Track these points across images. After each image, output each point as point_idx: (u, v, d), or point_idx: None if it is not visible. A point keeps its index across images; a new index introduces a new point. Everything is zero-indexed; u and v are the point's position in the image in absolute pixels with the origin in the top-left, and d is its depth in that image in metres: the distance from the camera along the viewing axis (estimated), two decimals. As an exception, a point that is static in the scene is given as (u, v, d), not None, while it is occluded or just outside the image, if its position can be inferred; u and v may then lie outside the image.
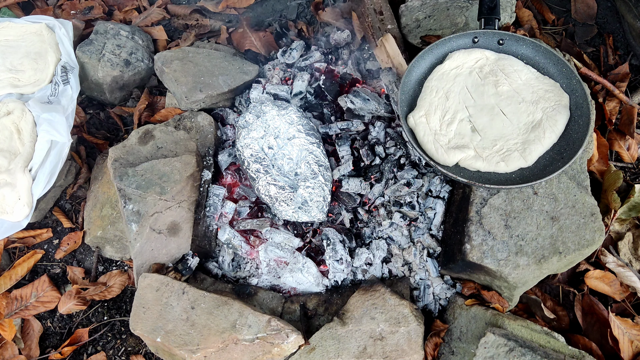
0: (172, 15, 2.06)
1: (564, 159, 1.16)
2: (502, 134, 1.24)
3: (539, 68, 1.35)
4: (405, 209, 1.39)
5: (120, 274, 1.55)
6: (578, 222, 1.22)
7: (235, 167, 1.56)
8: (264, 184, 1.40)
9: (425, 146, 1.25)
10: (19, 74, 1.62)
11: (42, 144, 1.47)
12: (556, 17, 1.82)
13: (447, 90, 1.32)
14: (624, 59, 1.71)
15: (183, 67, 1.63)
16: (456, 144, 1.24)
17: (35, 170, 1.47)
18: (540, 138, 1.22)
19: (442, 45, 1.38)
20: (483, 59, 1.36)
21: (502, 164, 1.20)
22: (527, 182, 1.17)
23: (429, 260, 1.36)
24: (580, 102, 1.25)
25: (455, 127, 1.27)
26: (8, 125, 1.49)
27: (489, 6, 1.35)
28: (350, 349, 1.20)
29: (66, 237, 1.61)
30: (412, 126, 1.28)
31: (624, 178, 1.44)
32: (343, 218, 1.43)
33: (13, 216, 1.44)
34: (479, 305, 1.27)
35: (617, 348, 1.22)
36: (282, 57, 1.74)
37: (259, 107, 1.51)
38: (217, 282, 1.39)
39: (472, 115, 1.28)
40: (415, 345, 1.20)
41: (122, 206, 1.38)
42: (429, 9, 1.63)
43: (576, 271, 1.39)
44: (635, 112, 1.51)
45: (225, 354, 1.19)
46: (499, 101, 1.29)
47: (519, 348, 1.09)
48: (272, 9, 2.03)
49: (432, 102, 1.30)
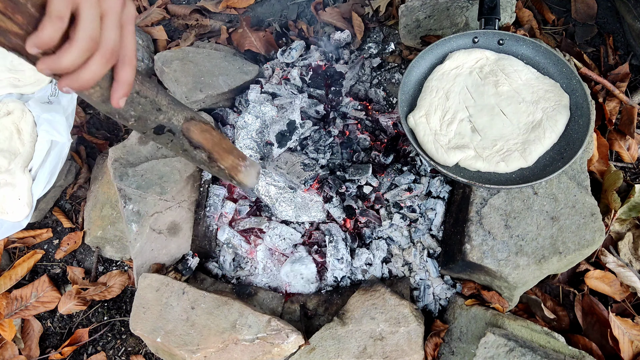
0: (172, 15, 2.06)
1: (564, 159, 1.16)
2: (502, 134, 1.24)
3: (539, 68, 1.35)
4: (406, 211, 1.39)
5: (120, 274, 1.55)
6: (578, 222, 1.22)
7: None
8: (264, 184, 1.40)
9: (425, 146, 1.25)
10: (19, 74, 1.62)
11: (42, 144, 1.47)
12: (556, 17, 1.82)
13: (447, 90, 1.32)
14: (624, 59, 1.71)
15: (183, 67, 1.63)
16: (456, 144, 1.24)
17: (35, 170, 1.47)
18: (540, 138, 1.22)
19: (442, 45, 1.38)
20: (483, 59, 1.36)
21: (502, 164, 1.20)
22: (527, 182, 1.17)
23: (429, 261, 1.36)
24: (580, 102, 1.25)
25: (456, 127, 1.26)
26: (8, 125, 1.49)
27: (489, 6, 1.35)
28: (350, 349, 1.20)
29: (66, 237, 1.61)
30: (412, 126, 1.28)
31: (624, 178, 1.44)
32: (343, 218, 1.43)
33: (13, 216, 1.44)
34: (479, 305, 1.27)
35: (617, 348, 1.22)
36: (282, 56, 1.74)
37: (258, 108, 1.51)
38: (217, 282, 1.39)
39: (472, 115, 1.28)
40: (415, 346, 1.20)
41: (122, 206, 1.38)
42: (429, 9, 1.63)
43: (576, 271, 1.39)
44: (635, 112, 1.51)
45: (225, 354, 1.19)
46: (499, 101, 1.29)
47: (519, 348, 1.09)
48: (272, 9, 2.03)
49: (432, 102, 1.30)
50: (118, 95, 0.64)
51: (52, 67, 0.57)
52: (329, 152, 1.44)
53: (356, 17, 1.83)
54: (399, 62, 1.73)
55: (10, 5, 0.54)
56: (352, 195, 1.42)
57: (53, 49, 0.57)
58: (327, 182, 1.40)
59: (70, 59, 0.57)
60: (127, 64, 0.64)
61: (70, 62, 0.58)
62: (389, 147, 1.46)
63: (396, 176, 1.42)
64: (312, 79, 1.64)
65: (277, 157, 1.42)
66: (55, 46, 0.57)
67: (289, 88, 1.60)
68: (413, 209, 1.39)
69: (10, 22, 0.54)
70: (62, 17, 0.56)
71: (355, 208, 1.40)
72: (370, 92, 1.66)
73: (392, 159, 1.46)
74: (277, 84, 1.66)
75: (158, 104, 0.73)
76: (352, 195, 1.42)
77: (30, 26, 0.56)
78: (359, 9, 1.89)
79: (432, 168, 1.41)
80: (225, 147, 0.84)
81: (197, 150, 0.81)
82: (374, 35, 1.82)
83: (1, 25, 0.54)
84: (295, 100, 1.51)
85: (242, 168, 0.86)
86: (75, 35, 0.57)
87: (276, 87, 1.62)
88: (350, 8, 1.89)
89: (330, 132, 1.48)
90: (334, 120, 1.53)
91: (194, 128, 0.79)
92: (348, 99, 1.60)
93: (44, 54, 0.57)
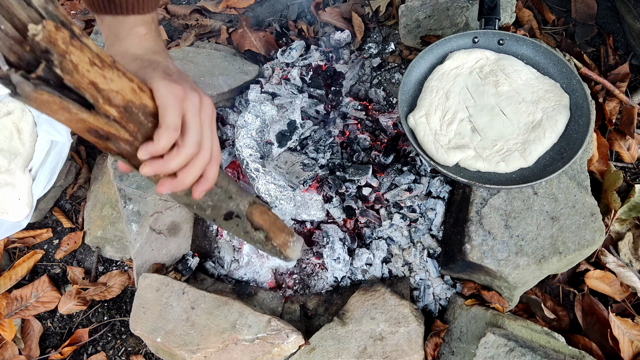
0: (172, 15, 2.06)
1: (564, 159, 1.16)
2: (502, 134, 1.24)
3: (539, 68, 1.35)
4: (406, 211, 1.39)
5: (120, 274, 1.55)
6: (578, 222, 1.22)
7: (236, 165, 1.56)
8: (264, 182, 1.40)
9: (425, 146, 1.25)
10: (19, 74, 1.62)
11: (42, 144, 1.47)
12: (556, 17, 1.82)
13: (447, 90, 1.32)
14: (624, 59, 1.71)
15: (183, 67, 1.63)
16: (456, 144, 1.24)
17: (35, 170, 1.47)
18: (540, 138, 1.22)
19: (442, 45, 1.38)
20: (483, 59, 1.36)
21: (502, 164, 1.20)
22: (527, 182, 1.16)
23: (429, 261, 1.36)
24: (580, 102, 1.25)
25: (456, 127, 1.26)
26: (8, 125, 1.49)
27: (489, 6, 1.35)
28: (351, 349, 1.20)
29: (66, 237, 1.61)
30: (412, 126, 1.28)
31: (624, 178, 1.44)
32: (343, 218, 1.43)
33: (13, 216, 1.44)
34: (479, 305, 1.27)
35: (617, 348, 1.22)
36: (282, 56, 1.74)
37: (258, 107, 1.51)
38: (217, 282, 1.39)
39: (472, 115, 1.28)
40: (415, 346, 1.20)
41: (122, 206, 1.38)
42: (429, 9, 1.63)
43: (576, 271, 1.39)
44: (635, 112, 1.51)
45: (226, 354, 1.19)
46: (499, 101, 1.29)
47: (519, 348, 1.09)
48: (272, 9, 2.03)
49: (432, 102, 1.30)
50: (202, 189, 0.68)
51: (159, 170, 0.61)
52: (329, 152, 1.44)
53: (356, 17, 1.83)
54: (399, 62, 1.73)
55: (126, 115, 0.56)
56: (352, 196, 1.42)
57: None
58: (327, 182, 1.40)
59: (178, 163, 0.61)
60: (214, 162, 0.69)
61: (177, 166, 0.62)
62: (389, 147, 1.46)
63: (396, 176, 1.42)
64: (312, 79, 1.64)
65: (277, 157, 1.42)
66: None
67: (289, 88, 1.60)
68: (413, 209, 1.39)
69: (124, 131, 0.57)
70: (177, 128, 0.61)
71: (355, 208, 1.40)
72: (370, 92, 1.66)
73: (392, 159, 1.46)
74: (277, 84, 1.66)
75: (230, 192, 0.78)
76: (352, 195, 1.42)
77: (139, 134, 0.59)
78: (359, 9, 1.89)
79: (432, 168, 1.41)
80: (279, 225, 0.88)
81: (257, 231, 0.84)
82: (374, 35, 1.82)
83: (115, 134, 0.56)
84: (295, 100, 1.51)
85: (290, 244, 0.90)
86: (183, 142, 0.62)
87: (276, 87, 1.62)
88: (350, 8, 1.89)
89: (331, 132, 1.48)
90: (334, 120, 1.53)
91: (255, 211, 0.83)
92: (348, 99, 1.60)
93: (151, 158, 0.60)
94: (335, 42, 1.78)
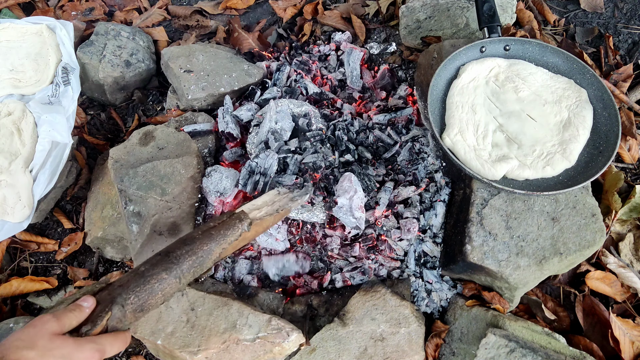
0: (173, 16, 2.06)
1: (603, 152, 1.19)
2: (537, 139, 1.25)
3: (549, 68, 1.36)
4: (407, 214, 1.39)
5: (121, 274, 1.55)
6: (579, 223, 1.22)
7: (238, 167, 1.56)
8: (265, 184, 1.40)
9: (469, 164, 1.22)
10: (20, 75, 1.63)
11: (42, 145, 1.47)
12: (557, 18, 1.82)
13: (471, 103, 1.31)
14: (624, 59, 1.71)
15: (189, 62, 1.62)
16: (497, 156, 1.23)
17: (36, 171, 1.47)
18: (575, 136, 1.23)
19: (453, 60, 1.38)
20: (496, 67, 1.37)
21: (549, 168, 1.20)
22: (577, 182, 1.17)
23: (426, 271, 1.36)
24: (599, 94, 1.28)
25: (491, 140, 1.26)
26: (9, 126, 1.49)
27: (488, 14, 1.36)
28: (351, 349, 1.20)
29: (67, 238, 1.61)
30: (450, 146, 1.26)
31: (625, 179, 1.44)
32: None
33: (14, 217, 1.44)
34: (480, 306, 1.27)
35: (618, 349, 1.22)
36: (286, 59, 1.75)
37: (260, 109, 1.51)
38: (217, 283, 1.39)
39: (503, 125, 1.28)
40: (416, 346, 1.20)
41: (123, 207, 1.38)
42: (430, 9, 1.63)
43: (577, 272, 1.39)
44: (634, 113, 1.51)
45: (227, 354, 1.19)
46: (524, 106, 1.29)
47: (520, 349, 1.09)
48: (272, 10, 2.03)
49: (461, 118, 1.29)
50: None
51: None
52: (330, 154, 1.44)
53: (356, 19, 1.83)
54: (399, 62, 1.73)
55: None
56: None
57: None
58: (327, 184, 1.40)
59: None
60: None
61: None
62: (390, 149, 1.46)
63: (396, 176, 1.42)
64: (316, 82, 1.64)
65: (278, 158, 1.42)
66: None
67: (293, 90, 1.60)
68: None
69: None
70: None
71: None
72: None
73: (393, 162, 1.46)
74: (281, 86, 1.66)
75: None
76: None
77: None
78: (359, 9, 1.89)
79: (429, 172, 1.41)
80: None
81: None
82: (374, 36, 1.82)
83: None
84: (298, 102, 1.51)
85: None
86: None
87: (279, 90, 1.62)
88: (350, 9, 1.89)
89: (333, 135, 1.48)
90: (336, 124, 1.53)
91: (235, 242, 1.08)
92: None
93: None
94: (336, 43, 1.78)
